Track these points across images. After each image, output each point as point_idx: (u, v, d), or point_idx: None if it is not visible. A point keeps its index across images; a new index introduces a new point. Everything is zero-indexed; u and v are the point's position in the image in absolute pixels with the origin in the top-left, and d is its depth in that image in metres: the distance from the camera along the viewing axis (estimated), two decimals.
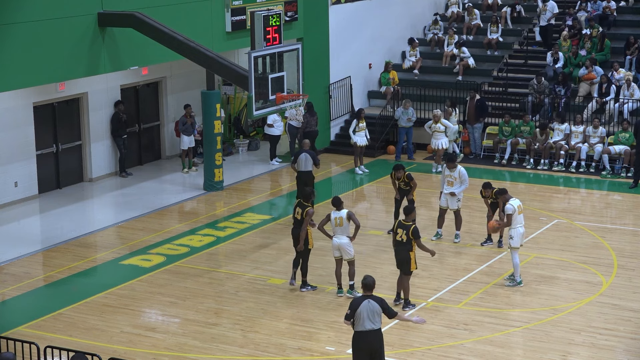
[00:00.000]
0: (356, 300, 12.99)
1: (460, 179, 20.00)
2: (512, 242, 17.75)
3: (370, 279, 13.13)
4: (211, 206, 23.39)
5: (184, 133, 25.72)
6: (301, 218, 17.56)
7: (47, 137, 24.07)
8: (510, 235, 17.75)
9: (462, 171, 20.04)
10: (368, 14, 30.09)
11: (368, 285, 13.08)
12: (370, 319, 12.85)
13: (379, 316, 12.93)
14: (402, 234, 16.55)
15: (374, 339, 12.96)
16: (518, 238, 17.72)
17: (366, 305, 12.87)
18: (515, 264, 17.78)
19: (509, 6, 32.42)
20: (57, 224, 21.86)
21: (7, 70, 18.82)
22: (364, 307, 12.86)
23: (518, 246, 17.77)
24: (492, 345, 15.39)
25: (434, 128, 25.62)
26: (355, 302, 12.98)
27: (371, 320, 12.86)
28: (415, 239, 16.50)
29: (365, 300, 12.91)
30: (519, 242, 17.79)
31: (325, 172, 26.59)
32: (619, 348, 15.26)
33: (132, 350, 15.28)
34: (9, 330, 15.84)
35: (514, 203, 17.75)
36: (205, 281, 18.33)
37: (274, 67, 18.78)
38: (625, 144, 25.60)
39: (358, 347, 13.00)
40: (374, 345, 12.97)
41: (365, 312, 12.85)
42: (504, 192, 18.37)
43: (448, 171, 20.09)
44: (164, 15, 21.50)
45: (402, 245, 16.59)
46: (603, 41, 29.11)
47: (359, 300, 12.95)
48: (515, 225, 17.69)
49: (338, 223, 17.19)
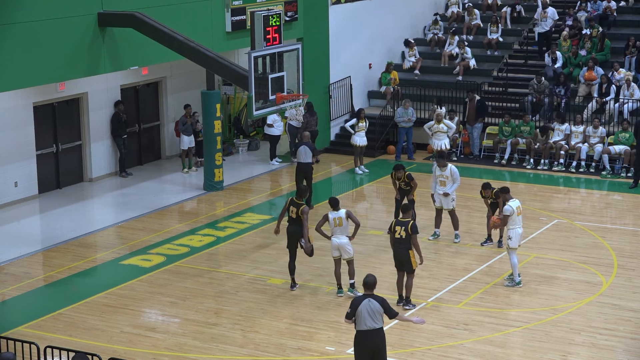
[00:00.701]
0: (357, 299, 12.99)
1: (452, 177, 19.96)
2: (510, 243, 17.75)
3: (371, 277, 13.13)
4: (211, 206, 23.39)
5: (183, 133, 25.73)
6: (296, 216, 17.54)
7: (47, 137, 24.07)
8: (509, 236, 17.75)
9: (453, 169, 19.99)
10: (368, 14, 30.09)
11: (369, 284, 13.08)
12: (371, 317, 12.85)
13: (380, 315, 12.93)
14: (401, 231, 16.54)
15: (376, 338, 12.96)
16: (516, 239, 17.72)
17: (367, 304, 12.87)
18: (514, 264, 17.78)
19: (509, 6, 32.42)
20: (57, 224, 21.86)
21: (7, 70, 18.82)
22: (364, 306, 12.86)
23: (516, 247, 17.77)
24: (492, 345, 15.39)
25: (435, 128, 25.54)
26: (355, 301, 12.99)
27: (372, 319, 12.86)
28: (413, 234, 16.49)
29: (366, 299, 12.91)
30: (517, 243, 17.79)
31: (325, 172, 26.61)
32: (619, 348, 15.26)
33: (132, 350, 15.28)
34: (9, 330, 15.84)
35: (513, 204, 17.74)
36: (205, 281, 18.34)
37: (274, 67, 18.78)
38: (625, 144, 25.60)
39: (360, 346, 13.00)
40: (376, 344, 12.97)
41: (365, 311, 12.85)
42: (506, 190, 18.33)
43: (439, 171, 20.04)
44: (164, 15, 21.50)
45: (401, 242, 16.56)
46: (603, 41, 29.11)
47: (359, 299, 12.96)
48: (514, 226, 17.69)
49: (337, 223, 17.20)
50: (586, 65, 28.27)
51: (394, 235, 16.68)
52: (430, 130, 25.58)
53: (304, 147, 22.42)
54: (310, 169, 22.47)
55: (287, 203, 17.78)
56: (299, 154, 22.38)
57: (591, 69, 27.91)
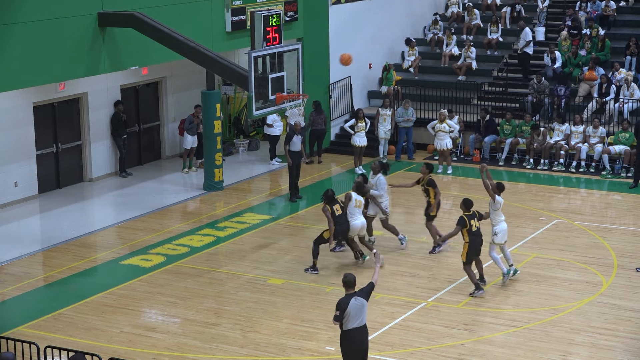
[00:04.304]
0: (343, 301, 12.97)
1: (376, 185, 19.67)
2: (495, 239, 17.75)
3: (350, 276, 13.16)
4: (211, 206, 23.39)
5: (188, 132, 25.72)
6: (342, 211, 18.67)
7: (47, 137, 24.07)
8: (495, 232, 17.73)
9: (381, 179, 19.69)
10: (368, 14, 30.09)
11: (350, 283, 13.09)
12: (359, 315, 12.90)
13: (365, 310, 12.99)
14: (476, 223, 17.28)
15: (364, 335, 13.02)
16: (503, 234, 17.77)
17: (354, 303, 12.90)
18: (494, 258, 17.81)
19: (509, 6, 32.43)
20: (57, 224, 21.86)
21: (7, 70, 18.82)
22: (352, 306, 12.88)
23: (502, 242, 17.80)
24: (492, 345, 15.40)
25: (438, 128, 25.58)
26: (342, 302, 12.96)
27: (360, 317, 12.92)
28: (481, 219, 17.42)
29: (352, 299, 12.94)
30: (504, 238, 17.82)
31: (325, 172, 26.62)
32: (619, 348, 15.27)
33: (132, 350, 15.28)
34: (9, 330, 15.84)
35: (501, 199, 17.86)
36: (205, 281, 18.34)
37: (274, 67, 18.78)
38: (625, 144, 25.60)
39: (350, 345, 12.98)
40: (364, 341, 13.02)
41: (354, 310, 12.88)
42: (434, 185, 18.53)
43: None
44: (164, 15, 21.51)
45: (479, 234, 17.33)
46: (603, 41, 29.11)
47: (345, 300, 12.95)
48: (498, 222, 17.70)
49: (358, 204, 18.41)
50: (587, 65, 28.28)
51: (472, 230, 17.17)
52: (434, 129, 25.65)
53: (297, 137, 23.20)
54: (300, 157, 23.34)
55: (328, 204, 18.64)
56: (293, 143, 23.09)
57: (592, 68, 27.92)
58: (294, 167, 23.29)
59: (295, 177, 23.49)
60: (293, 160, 23.17)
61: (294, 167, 23.31)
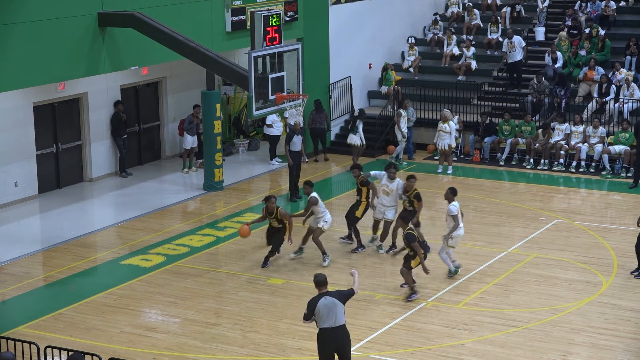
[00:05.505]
0: (313, 299, 13.04)
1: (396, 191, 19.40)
2: (450, 242, 17.93)
3: (321, 276, 13.25)
4: (211, 206, 23.39)
5: (187, 132, 25.72)
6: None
7: (47, 137, 24.07)
8: (451, 236, 17.88)
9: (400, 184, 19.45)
10: (368, 14, 30.09)
11: (321, 282, 13.18)
12: (331, 314, 12.90)
13: (341, 310, 12.98)
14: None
15: (339, 334, 13.01)
16: (457, 239, 18.01)
17: (324, 302, 12.93)
18: (444, 258, 18.04)
19: (509, 6, 32.41)
20: (57, 224, 21.86)
21: (7, 70, 18.83)
22: (321, 305, 12.92)
23: (455, 246, 18.09)
24: (492, 345, 15.40)
25: (439, 127, 25.62)
26: (312, 301, 13.04)
27: (333, 316, 12.92)
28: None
29: (322, 298, 12.97)
30: (457, 243, 18.09)
31: (325, 172, 26.61)
32: (619, 348, 15.26)
33: (132, 350, 15.28)
34: (9, 330, 15.84)
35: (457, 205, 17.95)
36: (205, 281, 18.34)
37: (274, 67, 18.79)
38: (625, 144, 25.60)
39: (324, 343, 13.03)
40: (339, 340, 13.01)
41: (324, 309, 12.91)
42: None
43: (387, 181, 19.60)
44: (164, 15, 21.51)
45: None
46: (603, 41, 29.10)
47: (315, 299, 13.01)
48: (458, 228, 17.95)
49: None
50: (587, 65, 28.27)
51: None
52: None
53: (297, 137, 23.28)
54: (300, 156, 23.60)
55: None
56: (293, 143, 23.19)
57: (592, 68, 27.91)
58: (294, 167, 23.30)
59: (296, 177, 23.49)
60: (293, 160, 23.21)
61: (295, 167, 23.33)
